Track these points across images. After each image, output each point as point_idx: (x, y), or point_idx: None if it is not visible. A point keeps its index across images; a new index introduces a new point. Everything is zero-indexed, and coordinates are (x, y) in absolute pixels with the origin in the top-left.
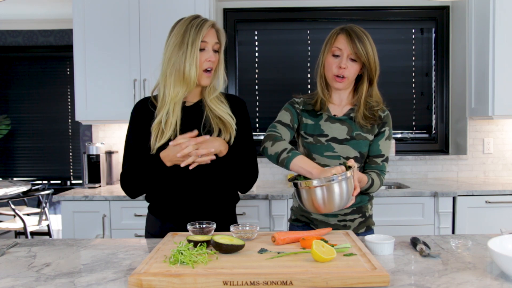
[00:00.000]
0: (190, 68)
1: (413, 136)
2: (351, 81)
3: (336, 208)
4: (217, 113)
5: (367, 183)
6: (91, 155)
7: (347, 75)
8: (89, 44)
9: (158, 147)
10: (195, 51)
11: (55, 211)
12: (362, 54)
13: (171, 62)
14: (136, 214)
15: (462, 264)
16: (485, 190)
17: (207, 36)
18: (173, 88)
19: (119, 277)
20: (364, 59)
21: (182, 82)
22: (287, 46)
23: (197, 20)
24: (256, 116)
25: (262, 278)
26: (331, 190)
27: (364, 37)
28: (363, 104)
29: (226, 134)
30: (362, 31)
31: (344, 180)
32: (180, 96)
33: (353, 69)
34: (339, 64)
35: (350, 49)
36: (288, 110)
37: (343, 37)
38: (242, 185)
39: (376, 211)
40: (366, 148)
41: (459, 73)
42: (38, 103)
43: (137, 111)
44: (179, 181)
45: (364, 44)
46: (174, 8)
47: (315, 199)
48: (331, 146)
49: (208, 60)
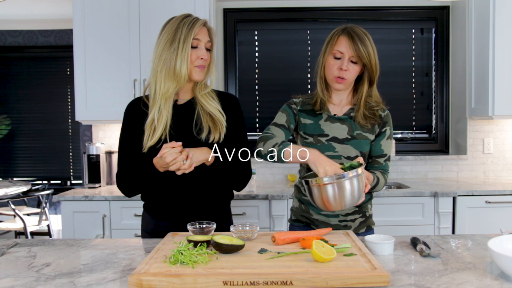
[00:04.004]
0: (181, 65)
1: (413, 136)
2: (351, 82)
3: (348, 206)
4: (208, 109)
5: (373, 181)
6: (91, 155)
7: (348, 77)
8: (89, 44)
9: (150, 146)
10: (186, 48)
11: (55, 211)
12: (364, 56)
13: (162, 58)
14: (136, 214)
15: (462, 264)
16: (485, 190)
17: (199, 34)
18: (163, 84)
19: (119, 277)
20: (366, 61)
21: (173, 78)
22: (287, 46)
23: (189, 18)
24: (256, 116)
25: (262, 278)
26: (342, 187)
27: (366, 38)
28: (363, 105)
29: (215, 133)
30: (363, 32)
31: (355, 177)
32: (171, 92)
33: (354, 71)
34: (340, 66)
35: (352, 51)
36: (284, 112)
37: (345, 39)
38: (236, 184)
39: (376, 211)
40: (367, 148)
41: (459, 73)
42: (38, 103)
43: (129, 111)
44: (172, 179)
45: (365, 46)
46: (174, 8)
47: (326, 196)
48: (332, 146)
49: (201, 57)
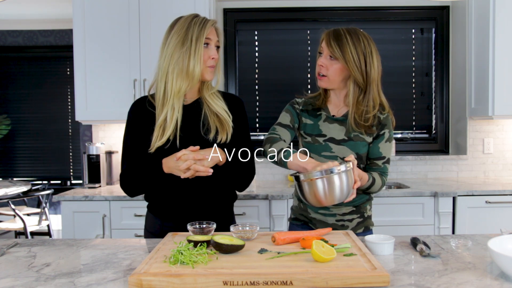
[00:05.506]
0: (195, 64)
1: (413, 136)
2: (334, 81)
3: (337, 201)
4: (214, 109)
5: (367, 181)
6: (91, 155)
7: (327, 73)
8: (89, 44)
9: (158, 146)
10: (199, 47)
11: (55, 211)
12: (336, 52)
13: (174, 58)
14: (136, 214)
15: (462, 264)
16: (485, 190)
17: (210, 33)
18: (175, 83)
19: (119, 277)
20: (338, 56)
21: (186, 77)
22: (287, 46)
23: (200, 18)
24: (256, 116)
25: (262, 278)
26: (331, 181)
27: (345, 37)
28: (353, 109)
29: (223, 133)
30: (345, 31)
31: (343, 172)
32: (183, 91)
33: (332, 68)
34: (320, 62)
35: (327, 47)
36: (288, 111)
37: (325, 36)
38: (239, 184)
39: (376, 211)
40: (364, 150)
41: (459, 73)
42: (38, 103)
43: (134, 112)
44: (177, 180)
45: (341, 43)
46: (174, 8)
47: (317, 191)
48: (329, 146)
49: (212, 57)
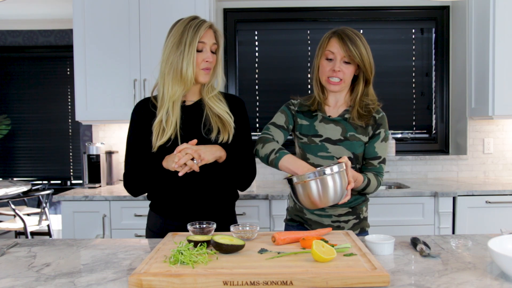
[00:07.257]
0: (187, 68)
1: (413, 136)
2: (347, 84)
3: (331, 202)
4: (216, 111)
5: (363, 182)
6: (91, 155)
7: (343, 77)
8: (89, 44)
9: (159, 145)
10: (192, 51)
11: (55, 211)
12: (356, 56)
13: (169, 61)
14: (136, 214)
15: (462, 264)
16: (485, 190)
17: (204, 36)
18: (171, 87)
19: (119, 277)
20: (358, 60)
21: (180, 81)
22: (287, 46)
23: (196, 21)
24: (256, 116)
25: (262, 278)
26: (324, 183)
27: (357, 39)
28: (357, 103)
29: (224, 133)
30: (354, 33)
31: (337, 173)
32: (178, 94)
33: (348, 71)
34: (332, 67)
35: (343, 52)
36: (283, 112)
37: (336, 40)
38: (241, 183)
39: (376, 211)
40: (360, 150)
41: (459, 73)
42: (38, 103)
43: (137, 112)
44: (180, 179)
45: (357, 46)
46: (174, 8)
47: (310, 193)
48: (325, 147)
49: (206, 60)
